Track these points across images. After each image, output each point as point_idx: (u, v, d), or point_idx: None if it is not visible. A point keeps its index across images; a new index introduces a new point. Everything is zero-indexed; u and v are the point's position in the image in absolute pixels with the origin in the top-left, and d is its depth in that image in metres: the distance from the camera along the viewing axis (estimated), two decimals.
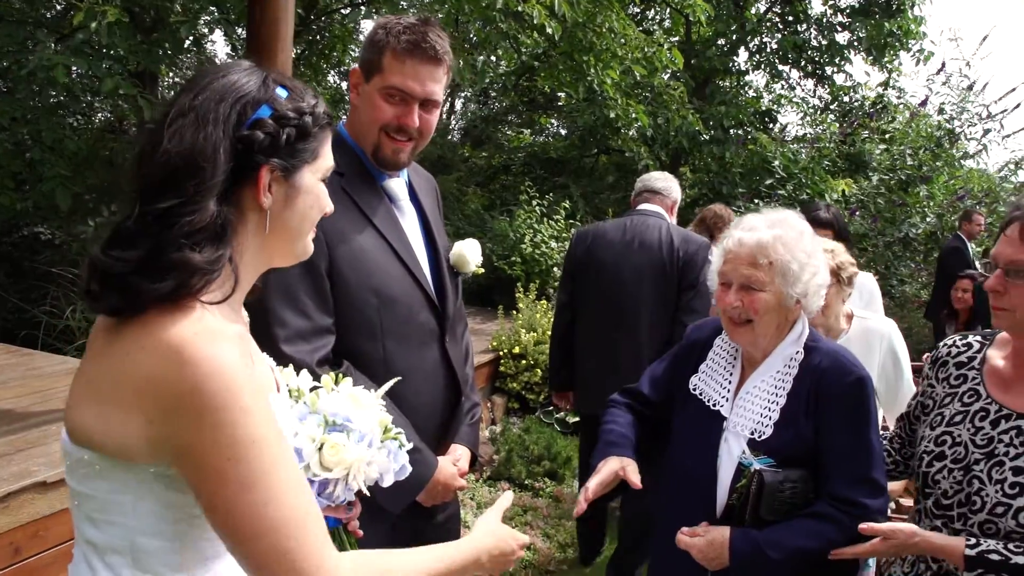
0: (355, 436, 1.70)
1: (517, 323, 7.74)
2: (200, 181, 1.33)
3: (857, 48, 14.36)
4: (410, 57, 2.34)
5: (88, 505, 1.38)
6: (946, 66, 13.26)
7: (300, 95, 1.49)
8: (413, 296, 2.48)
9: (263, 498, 1.29)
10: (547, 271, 9.66)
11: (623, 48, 9.73)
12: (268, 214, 1.44)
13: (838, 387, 2.32)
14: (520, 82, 15.32)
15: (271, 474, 1.30)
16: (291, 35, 4.76)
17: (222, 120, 1.37)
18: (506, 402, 7.55)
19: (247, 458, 1.28)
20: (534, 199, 11.06)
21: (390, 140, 2.42)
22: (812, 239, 2.42)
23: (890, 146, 12.23)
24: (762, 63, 15.19)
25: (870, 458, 2.30)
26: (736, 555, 2.25)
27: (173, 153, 1.34)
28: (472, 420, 2.76)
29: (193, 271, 1.31)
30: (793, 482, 2.27)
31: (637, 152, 11.83)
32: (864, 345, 3.28)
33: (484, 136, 16.76)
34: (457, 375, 2.62)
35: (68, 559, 3.90)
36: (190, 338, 1.27)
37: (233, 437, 1.27)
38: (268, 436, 1.31)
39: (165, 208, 1.32)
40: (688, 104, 11.95)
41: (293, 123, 1.44)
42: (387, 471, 1.78)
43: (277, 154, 1.41)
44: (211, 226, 1.34)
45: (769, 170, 11.60)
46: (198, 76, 1.45)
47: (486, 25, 9.05)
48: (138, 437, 1.29)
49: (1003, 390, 2.18)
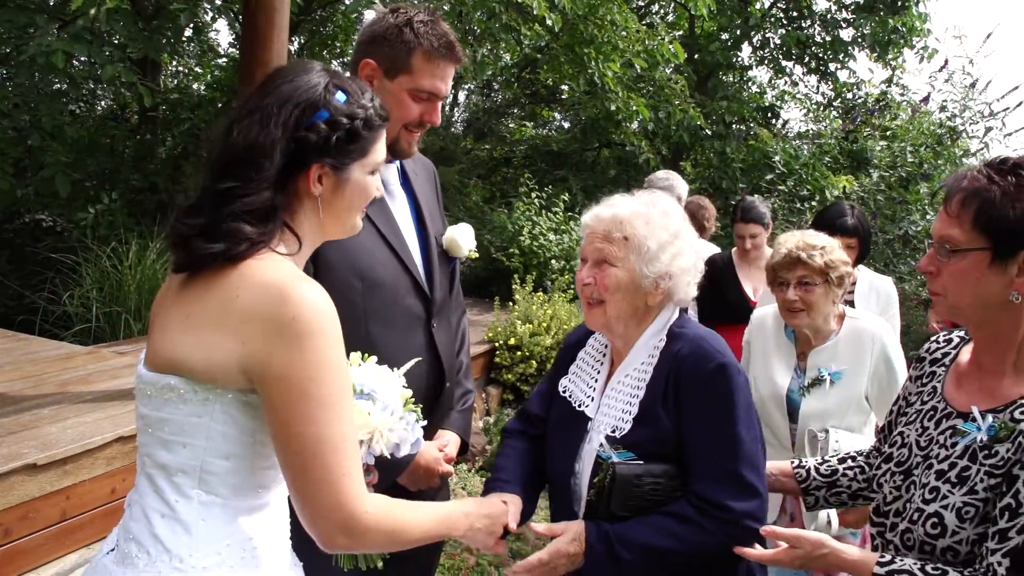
0: (380, 404, 1.88)
1: (513, 315, 7.75)
2: (258, 171, 1.60)
3: (861, 45, 14.34)
4: (442, 59, 2.40)
5: (165, 430, 1.61)
6: (949, 64, 13.20)
7: (357, 99, 1.71)
8: (399, 280, 2.48)
9: (332, 417, 1.53)
10: (545, 263, 9.67)
11: (624, 41, 9.72)
12: (320, 200, 1.69)
13: (696, 376, 2.11)
14: (523, 75, 15.31)
15: (341, 399, 1.56)
16: (287, 23, 4.77)
17: (282, 122, 1.62)
18: (501, 393, 7.57)
19: (328, 381, 1.53)
20: (533, 191, 11.07)
21: (408, 133, 2.48)
22: (682, 223, 2.26)
23: (891, 143, 12.20)
24: (765, 59, 15.19)
25: (736, 453, 2.06)
26: (588, 549, 2.08)
27: (239, 146, 1.62)
28: (463, 407, 2.77)
29: (242, 239, 1.57)
30: (655, 477, 2.08)
31: (638, 146, 11.81)
32: (855, 346, 3.20)
33: (487, 128, 16.77)
34: (442, 360, 2.61)
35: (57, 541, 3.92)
36: (290, 279, 1.55)
37: (320, 361, 1.52)
38: (343, 367, 1.58)
39: (225, 188, 1.59)
40: (690, 99, 11.94)
41: (345, 127, 1.66)
42: (405, 440, 1.93)
43: (328, 153, 1.66)
44: (263, 207, 1.60)
45: (770, 165, 11.60)
46: (272, 75, 1.71)
47: (489, 17, 9.06)
48: (232, 361, 1.54)
49: (955, 387, 1.94)
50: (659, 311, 2.25)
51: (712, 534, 2.03)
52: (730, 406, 2.08)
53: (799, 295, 3.16)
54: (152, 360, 1.65)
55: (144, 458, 1.66)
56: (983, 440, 1.75)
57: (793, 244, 3.21)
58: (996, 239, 1.69)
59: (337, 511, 1.54)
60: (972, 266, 1.73)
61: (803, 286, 3.16)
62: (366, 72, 2.42)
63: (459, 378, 2.77)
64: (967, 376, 1.92)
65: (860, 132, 12.38)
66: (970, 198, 1.72)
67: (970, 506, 1.72)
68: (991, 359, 1.84)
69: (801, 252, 3.16)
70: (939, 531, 1.74)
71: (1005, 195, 1.68)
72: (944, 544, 1.73)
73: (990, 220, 1.69)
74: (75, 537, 3.83)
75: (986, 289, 1.73)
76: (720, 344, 2.18)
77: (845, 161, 12.12)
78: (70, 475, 3.79)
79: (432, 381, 2.60)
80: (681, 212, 2.30)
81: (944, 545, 1.73)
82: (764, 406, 3.30)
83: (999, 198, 1.68)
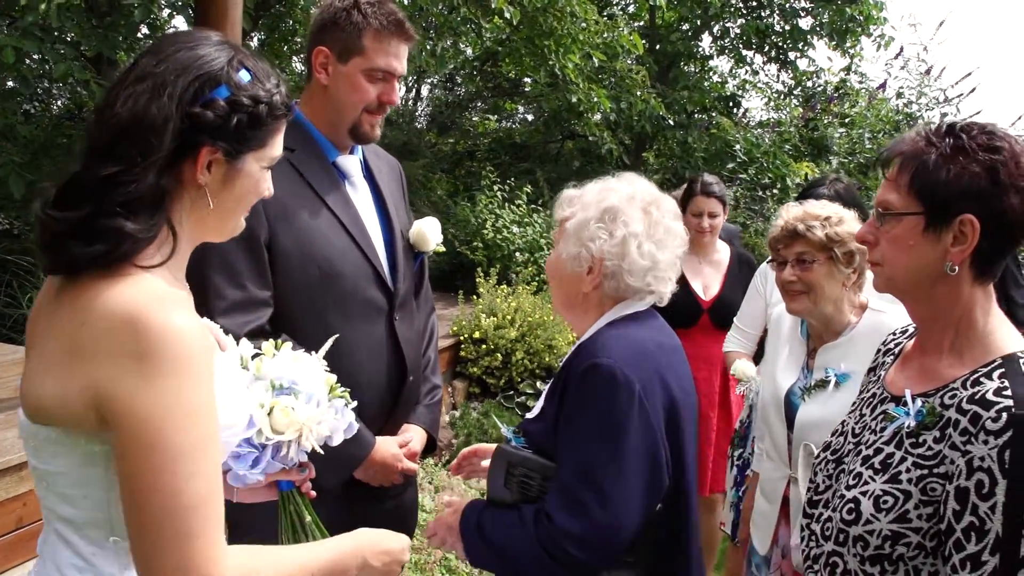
0: (303, 397, 1.71)
1: (477, 308, 7.74)
2: (146, 152, 1.36)
3: (819, 33, 14.43)
4: (393, 37, 2.41)
5: (60, 483, 1.39)
6: (904, 51, 13.41)
7: (262, 81, 1.50)
8: (360, 271, 2.47)
9: (192, 470, 1.29)
10: (509, 256, 9.66)
11: (584, 33, 9.73)
12: (207, 192, 1.46)
13: (573, 373, 1.95)
14: (485, 68, 15.27)
15: (205, 448, 1.32)
16: (239, 17, 4.71)
17: (178, 94, 1.39)
18: (467, 387, 7.56)
19: (187, 427, 1.29)
20: (495, 184, 11.06)
21: (369, 116, 2.47)
22: (627, 207, 2.04)
23: (850, 130, 12.34)
24: (726, 48, 15.26)
25: (574, 465, 1.89)
26: (461, 523, 2.04)
27: (123, 118, 1.37)
28: (430, 401, 2.76)
29: (124, 238, 1.34)
30: (529, 469, 1.97)
31: (601, 137, 11.84)
32: (871, 344, 2.60)
33: (450, 122, 16.70)
34: (404, 353, 2.59)
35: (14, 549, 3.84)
36: (142, 306, 1.29)
37: (179, 405, 1.28)
38: (206, 412, 1.33)
39: (107, 175, 1.35)
40: (651, 89, 11.98)
41: (247, 110, 1.45)
42: (336, 430, 1.78)
43: (223, 137, 1.43)
44: (148, 196, 1.37)
45: (731, 154, 11.68)
46: (166, 41, 1.47)
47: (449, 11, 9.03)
48: (85, 404, 1.30)
49: (897, 371, 1.82)
50: (612, 304, 2.09)
51: (533, 543, 1.88)
52: (588, 413, 1.90)
53: (797, 274, 2.70)
54: (24, 404, 1.41)
55: (47, 511, 1.46)
56: (910, 426, 1.62)
57: (792, 215, 2.76)
58: (929, 203, 1.60)
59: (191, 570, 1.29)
60: (906, 232, 1.63)
61: (801, 264, 2.71)
62: (320, 60, 2.43)
63: (426, 373, 2.76)
64: (908, 359, 1.82)
65: (820, 120, 12.52)
66: (907, 162, 1.64)
67: (889, 496, 1.58)
68: (930, 338, 1.73)
69: (799, 223, 2.70)
70: (853, 517, 1.62)
71: (941, 157, 1.58)
72: (856, 532, 1.61)
73: (924, 184, 1.60)
74: (33, 544, 3.76)
75: (921, 258, 1.63)
76: (613, 341, 1.96)
77: (805, 149, 12.25)
78: (26, 481, 3.73)
79: (394, 375, 2.58)
80: (635, 196, 2.08)
81: (856, 533, 1.61)
82: (765, 411, 2.94)
83: (935, 161, 1.59)
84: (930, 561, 1.56)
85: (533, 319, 7.52)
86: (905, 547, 1.56)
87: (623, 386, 1.87)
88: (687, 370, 2.16)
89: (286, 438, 1.68)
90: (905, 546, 1.56)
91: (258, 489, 1.80)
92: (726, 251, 4.73)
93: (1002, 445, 1.44)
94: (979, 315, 1.64)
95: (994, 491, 1.43)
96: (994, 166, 1.55)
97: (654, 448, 1.91)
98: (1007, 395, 1.49)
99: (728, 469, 4.01)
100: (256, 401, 1.67)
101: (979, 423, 1.49)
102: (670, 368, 2.03)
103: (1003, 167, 1.54)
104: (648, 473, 1.91)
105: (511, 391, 7.18)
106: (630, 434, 1.87)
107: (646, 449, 1.89)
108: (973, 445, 1.48)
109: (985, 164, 1.55)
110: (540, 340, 7.49)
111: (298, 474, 1.80)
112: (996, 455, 1.44)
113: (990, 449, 1.45)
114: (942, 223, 1.59)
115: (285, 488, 1.82)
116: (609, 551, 1.89)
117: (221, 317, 2.19)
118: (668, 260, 2.08)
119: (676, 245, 2.12)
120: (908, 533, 1.56)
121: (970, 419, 1.51)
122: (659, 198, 2.13)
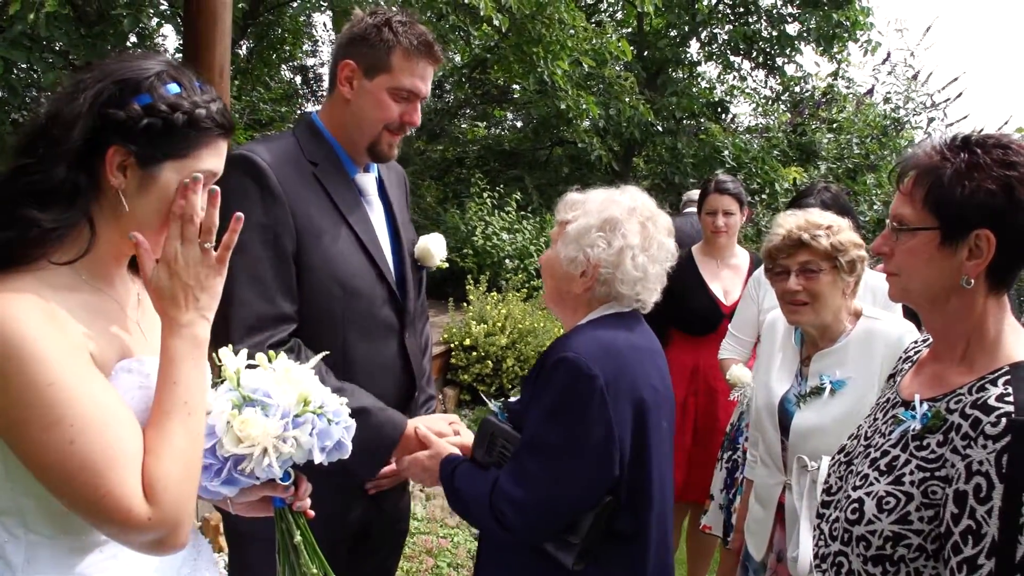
0: (273, 410, 1.65)
1: (468, 315, 7.75)
2: (51, 145, 1.42)
3: (807, 39, 14.50)
4: (422, 58, 2.41)
5: None
6: (891, 56, 13.49)
7: (190, 94, 1.52)
8: (376, 290, 2.47)
9: (67, 436, 1.33)
10: (499, 263, 9.69)
11: (572, 39, 9.76)
12: (122, 194, 1.49)
13: (544, 362, 2.14)
14: (474, 75, 15.29)
15: (72, 413, 1.34)
16: (229, 27, 4.71)
17: (92, 95, 1.44)
18: (458, 394, 7.57)
19: (43, 401, 1.32)
20: (485, 191, 11.07)
21: (389, 135, 2.47)
22: (627, 218, 2.18)
23: (838, 135, 12.41)
24: (713, 54, 15.33)
25: (526, 445, 2.09)
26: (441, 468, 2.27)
27: (41, 116, 1.47)
28: (426, 412, 2.74)
29: (32, 225, 1.40)
30: (507, 441, 2.16)
31: (590, 143, 11.87)
32: (866, 351, 2.68)
33: (439, 129, 16.71)
34: (413, 370, 2.61)
35: None
36: None
37: (26, 383, 1.31)
38: (66, 379, 1.35)
39: (18, 166, 1.44)
40: (640, 95, 12.02)
41: (161, 115, 1.46)
42: (310, 447, 1.69)
43: (132, 139, 1.45)
44: (59, 189, 1.42)
45: (720, 159, 11.74)
46: (111, 57, 1.54)
47: (437, 18, 9.05)
48: None
49: (911, 377, 1.84)
50: (599, 305, 2.23)
51: (483, 496, 2.10)
52: (550, 397, 2.07)
53: (802, 284, 2.67)
54: None
55: None
56: (915, 429, 1.64)
57: (793, 224, 2.72)
58: (945, 219, 1.59)
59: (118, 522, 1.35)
60: (921, 245, 1.63)
61: (806, 273, 2.67)
62: (346, 73, 2.42)
63: (422, 384, 2.76)
64: (922, 365, 1.84)
65: (808, 125, 12.61)
66: (923, 176, 1.63)
67: (892, 496, 1.61)
68: (944, 347, 1.74)
69: (803, 233, 2.67)
70: (856, 517, 1.66)
71: (956, 173, 1.58)
72: (859, 532, 1.64)
73: (939, 200, 1.59)
74: None
75: (936, 271, 1.63)
76: (591, 344, 2.11)
77: (794, 154, 12.33)
78: None
79: (403, 391, 2.60)
80: (635, 210, 2.21)
81: (859, 533, 1.64)
82: (759, 418, 2.92)
83: (950, 177, 1.58)
84: (931, 564, 1.57)
85: (523, 326, 7.53)
86: (906, 549, 1.57)
87: (585, 378, 2.02)
88: (663, 373, 2.27)
89: (245, 451, 1.62)
90: (906, 548, 1.57)
91: (254, 504, 1.79)
92: (744, 255, 4.60)
93: (1000, 450, 1.45)
94: (991, 324, 1.65)
95: (991, 495, 1.44)
96: (1010, 183, 1.55)
97: (607, 440, 2.04)
98: (1009, 401, 1.50)
99: (717, 471, 4.03)
100: (219, 411, 1.63)
101: (979, 427, 1.50)
102: (641, 369, 2.15)
103: (1019, 184, 1.55)
104: (595, 462, 2.05)
105: (502, 398, 7.18)
106: (584, 422, 2.04)
107: (597, 439, 2.04)
108: (973, 449, 1.49)
109: (1001, 181, 1.55)
110: (530, 347, 7.50)
111: (284, 491, 1.76)
112: (994, 459, 1.45)
113: (988, 453, 1.46)
114: (957, 238, 1.60)
115: (278, 505, 1.79)
116: (542, 524, 2.08)
117: (246, 330, 2.20)
118: (657, 273, 2.22)
119: (665, 259, 2.25)
120: (909, 535, 1.57)
121: (971, 423, 1.52)
122: (656, 214, 2.25)
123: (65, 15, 6.47)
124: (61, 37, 7.06)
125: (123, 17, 7.55)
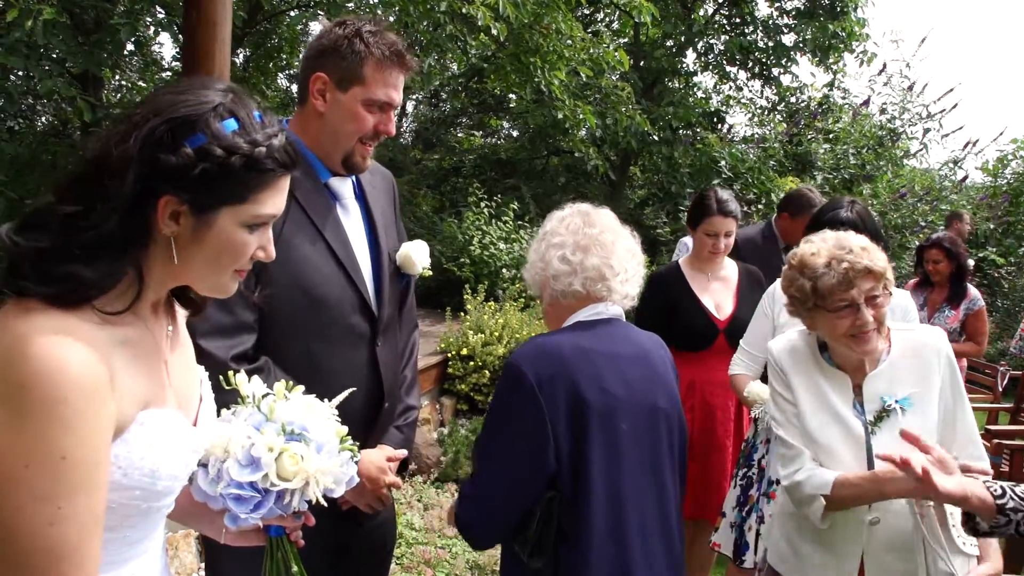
0: (314, 446, 1.67)
1: (465, 325, 7.73)
2: (104, 195, 1.30)
3: (802, 50, 14.54)
4: (394, 68, 2.38)
5: None
6: (887, 67, 13.54)
7: (249, 132, 1.39)
8: (345, 297, 2.44)
9: (51, 516, 1.22)
10: (496, 272, 9.67)
11: (570, 49, 9.77)
12: (174, 243, 1.38)
13: None
14: (470, 84, 15.32)
15: (67, 497, 1.23)
16: (228, 36, 4.71)
17: (143, 136, 1.32)
18: (455, 404, 7.55)
19: (47, 470, 1.21)
20: (482, 201, 11.08)
21: (362, 147, 2.44)
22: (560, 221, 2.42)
23: (834, 145, 12.45)
24: (710, 64, 15.36)
25: (479, 440, 2.31)
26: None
27: (89, 158, 1.33)
28: (403, 423, 2.72)
29: (77, 284, 1.30)
30: None
31: (587, 153, 11.89)
32: (918, 363, 2.55)
33: (435, 138, 16.73)
34: (383, 380, 2.57)
35: None
36: (33, 333, 1.24)
37: (38, 446, 1.21)
38: (83, 458, 1.24)
39: (67, 214, 1.31)
40: (636, 105, 12.04)
41: (217, 160, 1.34)
42: (340, 481, 1.75)
43: (185, 186, 1.34)
44: (110, 242, 1.31)
45: (717, 169, 11.76)
46: (165, 86, 1.43)
47: (435, 28, 9.06)
48: None
49: None
50: (570, 315, 2.37)
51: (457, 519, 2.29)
52: (494, 399, 2.26)
53: (874, 314, 2.44)
54: None
55: None
56: None
57: (852, 251, 2.47)
58: None
59: None
60: None
61: (873, 300, 2.45)
62: (317, 86, 2.39)
63: (400, 393, 2.72)
64: None
65: (804, 135, 12.63)
66: None
67: None
68: None
69: (865, 260, 2.44)
70: None
71: None
72: None
73: None
74: None
75: None
76: (531, 347, 2.26)
77: (790, 164, 12.35)
78: None
79: (370, 400, 2.55)
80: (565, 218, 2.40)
81: None
82: (832, 453, 2.53)
83: None
84: None
85: (521, 336, 7.52)
86: None
87: (517, 378, 2.16)
88: (621, 375, 2.26)
89: (292, 486, 1.65)
90: None
91: (248, 533, 1.77)
92: (733, 266, 4.50)
93: None
94: None
95: None
96: None
97: (539, 438, 2.14)
98: None
99: (731, 488, 3.94)
100: (266, 444, 1.63)
101: None
102: (589, 370, 2.20)
103: None
104: (524, 457, 2.16)
105: None
106: (512, 421, 2.18)
107: (526, 436, 2.15)
108: None
109: None
110: None
111: (292, 521, 1.78)
112: None
113: None
114: None
115: (275, 534, 1.79)
116: (484, 519, 2.24)
117: (204, 339, 2.15)
118: (595, 264, 2.31)
119: (603, 254, 2.32)
120: None
121: None
122: (589, 212, 2.42)
123: (63, 23, 6.45)
124: (58, 45, 7.06)
125: (120, 26, 7.54)
